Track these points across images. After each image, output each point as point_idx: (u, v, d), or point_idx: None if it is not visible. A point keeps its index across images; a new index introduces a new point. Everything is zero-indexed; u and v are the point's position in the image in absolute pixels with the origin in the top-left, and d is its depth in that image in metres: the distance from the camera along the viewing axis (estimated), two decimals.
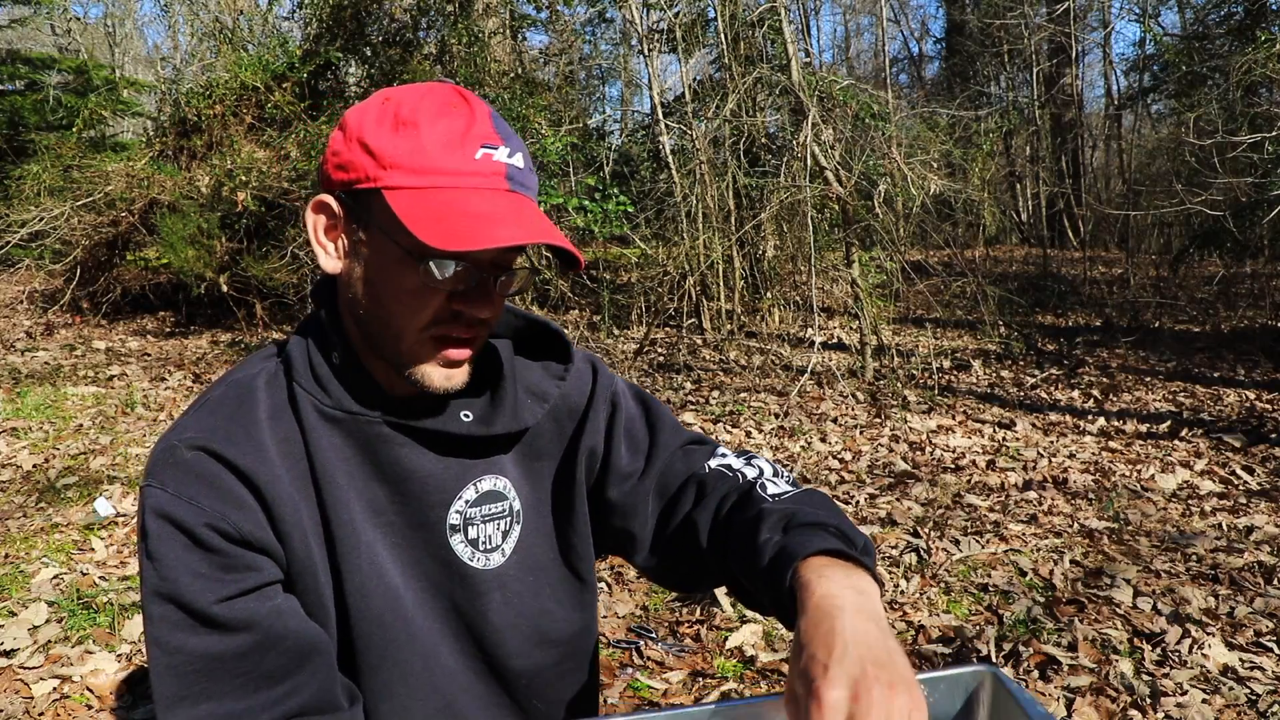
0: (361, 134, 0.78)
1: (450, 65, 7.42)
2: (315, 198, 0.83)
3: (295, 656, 0.79)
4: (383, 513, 0.87)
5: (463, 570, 0.90)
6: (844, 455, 4.32)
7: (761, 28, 7.46)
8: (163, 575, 0.76)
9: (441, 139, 0.77)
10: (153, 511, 0.76)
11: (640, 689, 2.29)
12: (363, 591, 0.84)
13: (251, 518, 0.78)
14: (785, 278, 7.99)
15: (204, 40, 9.94)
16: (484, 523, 0.91)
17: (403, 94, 0.80)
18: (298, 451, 0.83)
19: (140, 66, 20.22)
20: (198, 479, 0.77)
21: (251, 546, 0.78)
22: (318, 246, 0.83)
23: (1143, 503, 3.57)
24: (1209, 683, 2.23)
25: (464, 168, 0.77)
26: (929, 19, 35.95)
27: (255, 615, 0.77)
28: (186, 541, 0.76)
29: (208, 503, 0.77)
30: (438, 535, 0.89)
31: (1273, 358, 6.34)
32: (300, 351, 0.86)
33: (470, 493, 0.90)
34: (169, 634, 0.76)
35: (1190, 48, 8.76)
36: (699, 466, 0.96)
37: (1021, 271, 11.39)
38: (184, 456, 0.78)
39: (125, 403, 5.32)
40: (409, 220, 0.74)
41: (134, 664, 2.41)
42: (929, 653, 2.42)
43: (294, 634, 0.79)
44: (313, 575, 0.83)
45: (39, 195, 7.66)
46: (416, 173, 0.76)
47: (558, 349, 0.97)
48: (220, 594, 0.76)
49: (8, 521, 3.41)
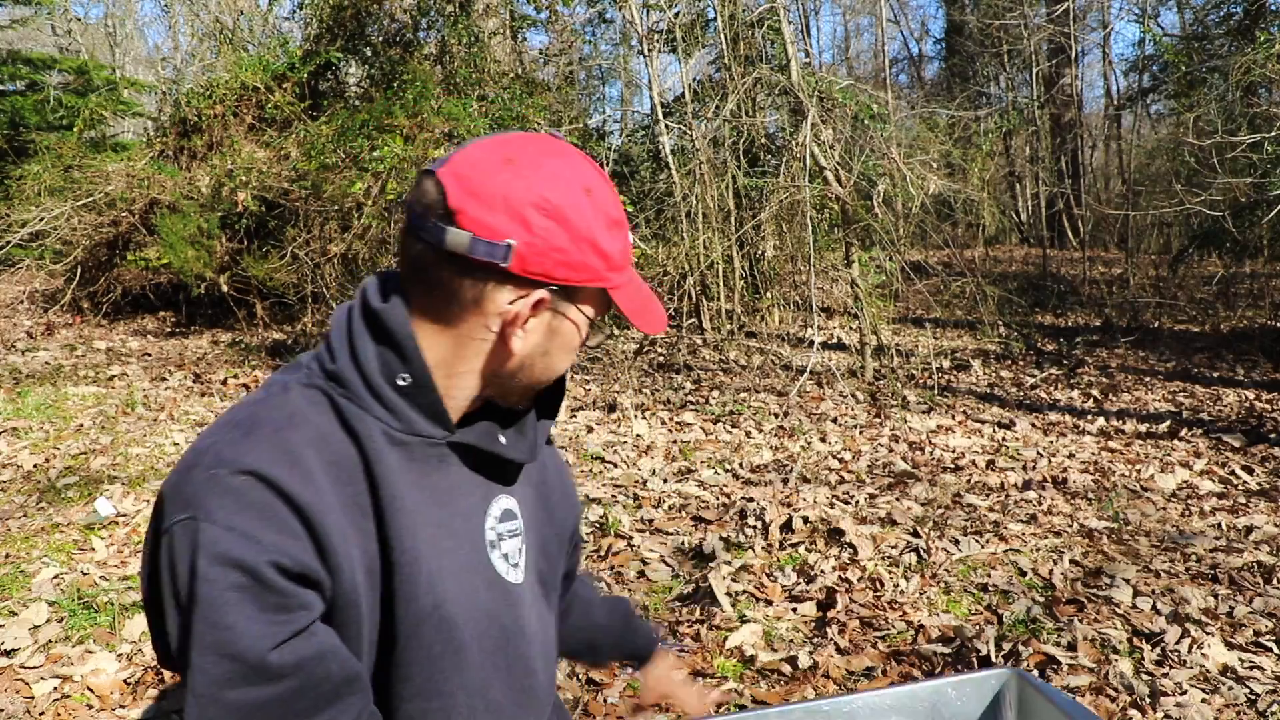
0: (592, 236, 0.82)
1: (450, 65, 7.42)
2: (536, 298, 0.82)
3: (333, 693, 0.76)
4: (446, 538, 0.85)
5: (504, 586, 0.91)
6: (844, 455, 4.32)
7: (761, 28, 7.46)
8: (215, 623, 0.69)
9: (624, 240, 0.87)
10: (206, 551, 0.69)
11: (639, 688, 2.29)
12: (417, 619, 0.82)
13: (306, 549, 0.73)
14: (785, 278, 8.00)
15: (204, 40, 9.95)
16: (510, 538, 0.93)
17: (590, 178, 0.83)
18: (352, 477, 0.79)
19: (141, 67, 20.22)
20: (250, 509, 0.71)
21: (307, 582, 0.74)
22: (520, 331, 0.83)
23: (1142, 502, 3.57)
24: (1208, 682, 2.23)
25: (629, 259, 0.88)
26: (929, 19, 35.95)
27: (302, 659, 0.73)
28: (246, 582, 0.70)
29: (267, 537, 0.70)
30: (482, 553, 0.89)
31: (1272, 358, 6.34)
32: (356, 374, 0.82)
33: (496, 510, 0.92)
34: (211, 689, 0.70)
35: (1189, 48, 8.77)
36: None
37: (1021, 271, 11.40)
38: (234, 484, 0.71)
39: (126, 403, 5.32)
40: (632, 314, 0.86)
41: (134, 664, 2.41)
42: (929, 652, 2.43)
43: (335, 675, 0.76)
44: (355, 608, 0.78)
45: (40, 195, 7.66)
46: (622, 270, 0.87)
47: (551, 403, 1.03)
48: (276, 639, 0.71)
49: (8, 521, 3.42)
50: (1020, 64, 13.99)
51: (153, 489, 3.74)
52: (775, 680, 2.35)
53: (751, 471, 4.04)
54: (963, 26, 15.79)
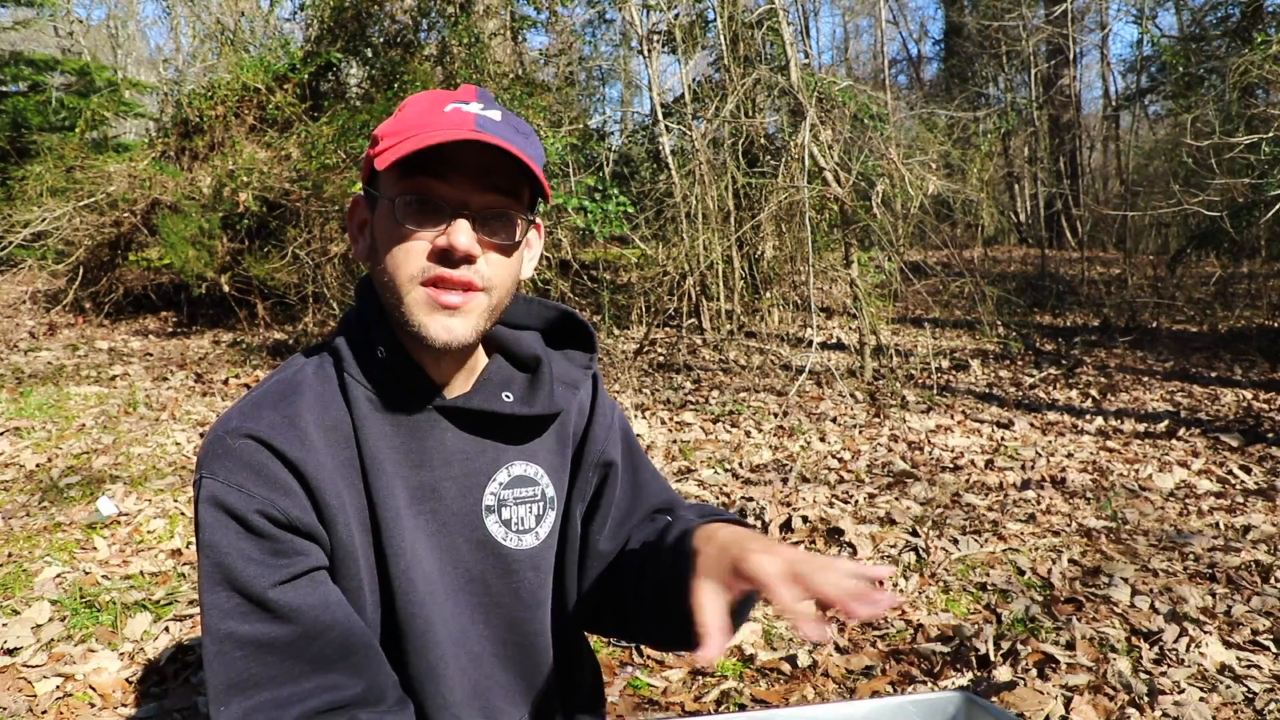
0: (379, 132, 0.85)
1: (450, 66, 7.43)
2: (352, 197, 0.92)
3: (342, 648, 0.81)
4: (425, 499, 0.90)
5: (497, 550, 0.93)
6: (843, 455, 4.34)
7: (760, 29, 7.48)
8: (217, 561, 0.78)
9: (420, 107, 0.84)
10: (205, 500, 0.79)
11: (640, 687, 2.30)
12: (407, 576, 0.87)
13: (298, 503, 0.81)
14: (784, 278, 8.01)
15: (206, 42, 9.97)
16: (516, 505, 0.94)
17: (420, 97, 0.87)
18: (345, 439, 0.86)
19: (143, 68, 20.23)
20: (246, 466, 0.80)
21: (299, 531, 0.81)
22: (351, 241, 0.91)
23: (1140, 502, 3.58)
24: (1206, 681, 2.24)
25: (432, 121, 0.81)
26: (928, 20, 35.98)
27: (305, 603, 0.80)
28: (239, 528, 0.79)
29: (257, 489, 0.79)
30: (475, 516, 0.92)
31: (1269, 357, 6.35)
32: (346, 346, 0.89)
33: (504, 475, 0.94)
34: (222, 622, 0.78)
35: (1187, 49, 8.78)
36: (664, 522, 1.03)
37: (1020, 272, 11.41)
38: (232, 445, 0.81)
39: (128, 402, 5.33)
40: (380, 166, 0.81)
41: (136, 663, 2.42)
42: (927, 651, 2.44)
43: (341, 624, 0.81)
44: (354, 561, 0.85)
45: (42, 196, 7.67)
46: (394, 135, 0.82)
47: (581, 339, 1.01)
48: (273, 579, 0.79)
49: (11, 520, 3.43)
50: (1019, 65, 14.01)
51: (155, 488, 3.75)
52: (775, 679, 2.36)
53: (751, 471, 4.06)
54: (961, 28, 15.80)
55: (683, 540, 0.84)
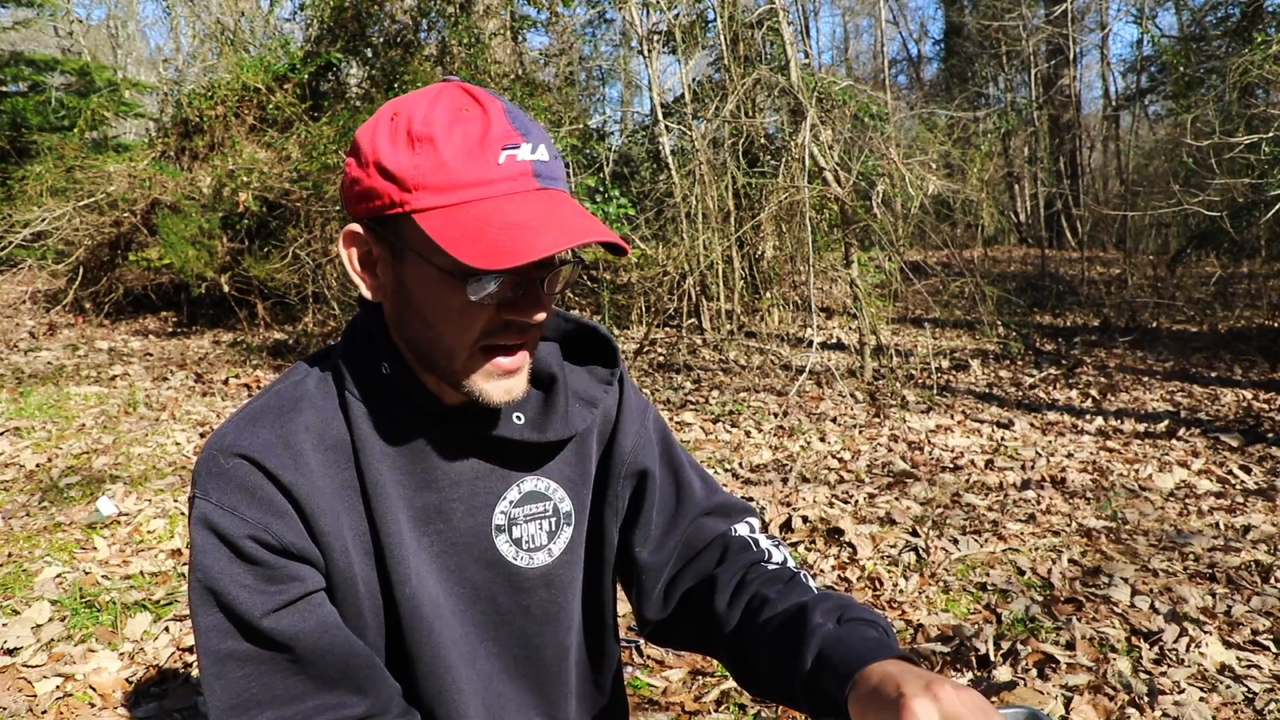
0: (378, 158, 0.74)
1: (451, 66, 7.43)
2: (345, 229, 0.80)
3: (343, 667, 0.79)
4: (431, 520, 0.86)
5: (507, 569, 0.90)
6: (843, 455, 4.34)
7: (761, 29, 7.47)
8: (209, 585, 0.76)
9: (461, 149, 0.73)
10: (198, 521, 0.77)
11: (640, 687, 2.30)
12: (414, 600, 0.84)
13: (292, 526, 0.78)
14: (784, 278, 8.01)
15: (206, 42, 9.97)
16: (527, 522, 0.91)
17: (411, 105, 0.76)
18: (345, 459, 0.82)
19: (142, 68, 20.23)
20: (239, 488, 0.77)
21: (293, 556, 0.78)
22: (357, 279, 0.80)
23: (1140, 502, 3.58)
24: (1206, 681, 2.24)
25: (489, 175, 0.73)
26: (928, 20, 35.97)
27: (302, 629, 0.77)
28: (230, 554, 0.76)
29: (250, 513, 0.76)
30: (484, 537, 0.89)
31: (1269, 357, 6.35)
32: (350, 362, 0.85)
33: (514, 494, 0.90)
34: (218, 642, 0.76)
35: (1187, 49, 8.78)
36: (726, 529, 0.99)
37: (1020, 271, 11.41)
38: (225, 466, 0.78)
39: (128, 402, 5.34)
40: (445, 242, 0.71)
41: (136, 663, 2.42)
42: (928, 651, 2.44)
43: (341, 646, 0.79)
44: (352, 586, 0.82)
45: (42, 196, 7.68)
46: (442, 190, 0.72)
47: (603, 353, 0.96)
48: (266, 607, 0.76)
49: (11, 520, 3.43)
50: (1019, 65, 14.01)
51: (154, 489, 3.75)
52: None
53: (751, 471, 4.06)
54: (961, 28, 15.81)
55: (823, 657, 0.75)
